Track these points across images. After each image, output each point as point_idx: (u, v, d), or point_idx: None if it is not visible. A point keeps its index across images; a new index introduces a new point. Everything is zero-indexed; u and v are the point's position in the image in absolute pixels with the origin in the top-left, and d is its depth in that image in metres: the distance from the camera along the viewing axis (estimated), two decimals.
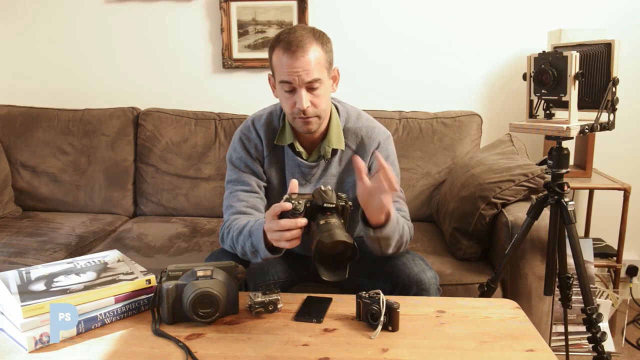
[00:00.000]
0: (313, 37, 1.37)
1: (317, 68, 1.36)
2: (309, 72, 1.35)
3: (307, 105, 1.37)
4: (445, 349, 1.12)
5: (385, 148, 1.54)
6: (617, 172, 2.43)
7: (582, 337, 2.06)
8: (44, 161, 2.49)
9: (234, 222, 1.43)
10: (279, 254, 1.31)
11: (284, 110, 1.45)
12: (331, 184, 1.53)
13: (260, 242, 1.29)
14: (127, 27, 2.67)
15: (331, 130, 1.49)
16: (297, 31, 1.37)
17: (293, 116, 1.41)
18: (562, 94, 1.52)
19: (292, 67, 1.34)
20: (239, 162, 1.53)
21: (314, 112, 1.39)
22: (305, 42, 1.35)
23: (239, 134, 1.56)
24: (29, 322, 1.11)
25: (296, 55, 1.34)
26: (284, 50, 1.35)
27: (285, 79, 1.36)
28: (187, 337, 1.16)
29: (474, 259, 1.91)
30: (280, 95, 1.42)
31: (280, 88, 1.40)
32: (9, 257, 1.93)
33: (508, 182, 1.85)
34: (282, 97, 1.42)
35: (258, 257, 1.34)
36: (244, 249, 1.37)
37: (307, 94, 1.37)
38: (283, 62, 1.35)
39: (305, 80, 1.35)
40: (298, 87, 1.36)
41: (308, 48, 1.35)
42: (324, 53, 1.39)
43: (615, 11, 2.46)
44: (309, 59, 1.35)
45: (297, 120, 1.41)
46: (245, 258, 1.41)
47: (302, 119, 1.40)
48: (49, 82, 2.75)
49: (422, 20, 2.56)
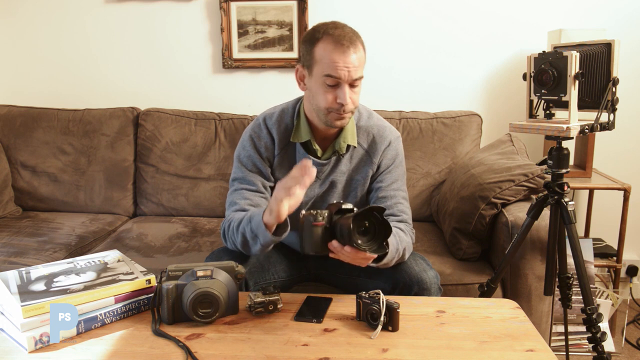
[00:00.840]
0: (357, 35, 1.40)
1: (362, 66, 1.40)
2: (357, 69, 1.37)
3: (349, 101, 1.39)
4: (445, 349, 1.12)
5: (395, 147, 1.55)
6: (617, 172, 2.43)
7: (582, 337, 2.06)
8: (44, 161, 2.49)
9: (235, 215, 1.43)
10: (278, 238, 1.31)
11: (317, 104, 1.42)
12: (340, 181, 1.54)
13: (260, 223, 1.28)
14: (127, 27, 2.67)
15: (347, 127, 1.50)
16: (344, 27, 1.39)
17: (328, 110, 1.41)
18: (562, 94, 1.52)
19: (344, 62, 1.35)
20: (247, 161, 1.53)
21: (350, 108, 1.41)
22: (355, 39, 1.38)
23: (249, 132, 1.55)
24: (29, 322, 1.11)
25: (349, 51, 1.35)
26: (336, 43, 1.35)
27: (333, 74, 1.36)
28: (187, 337, 1.16)
29: (474, 259, 1.91)
30: (319, 88, 1.40)
31: (322, 82, 1.39)
32: (9, 257, 1.93)
33: (508, 182, 1.85)
34: (321, 91, 1.40)
35: (257, 244, 1.33)
36: (244, 236, 1.36)
37: (349, 90, 1.39)
38: (334, 56, 1.35)
39: (353, 77, 1.37)
40: (343, 83, 1.37)
41: (358, 45, 1.38)
42: (364, 53, 1.42)
43: (615, 11, 2.46)
44: (358, 56, 1.37)
45: (331, 114, 1.41)
46: (246, 250, 1.40)
47: (338, 114, 1.41)
48: (49, 82, 2.75)
49: (422, 20, 2.56)
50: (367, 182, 1.55)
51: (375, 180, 1.54)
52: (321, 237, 1.23)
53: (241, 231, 1.36)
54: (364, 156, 1.54)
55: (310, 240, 1.24)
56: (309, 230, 1.23)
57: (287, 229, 1.32)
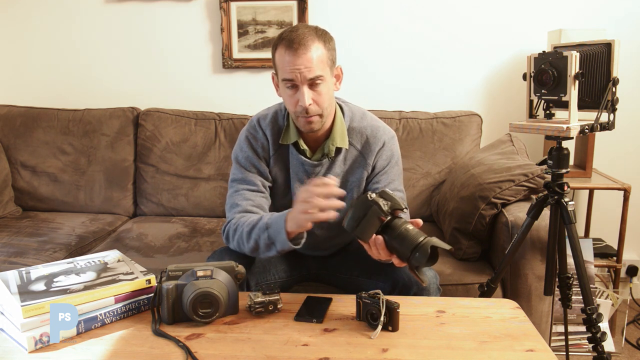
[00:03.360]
0: (315, 35, 1.38)
1: (319, 65, 1.37)
2: (310, 69, 1.35)
3: (309, 102, 1.37)
4: (445, 349, 1.12)
5: (389, 148, 1.54)
6: (617, 172, 2.43)
7: (582, 337, 2.06)
8: (44, 161, 2.49)
9: (242, 219, 1.42)
10: (298, 245, 1.31)
11: (288, 108, 1.45)
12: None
13: (281, 232, 1.28)
14: (127, 27, 2.67)
15: (335, 129, 1.49)
16: (299, 29, 1.38)
17: (296, 115, 1.41)
18: (562, 94, 1.51)
19: (294, 64, 1.35)
20: (245, 161, 1.53)
21: (316, 110, 1.39)
22: (307, 40, 1.35)
23: (245, 132, 1.56)
24: (29, 322, 1.11)
25: (298, 53, 1.34)
26: (286, 47, 1.36)
27: (287, 77, 1.37)
28: (187, 337, 1.16)
29: (474, 259, 1.91)
30: (283, 93, 1.43)
31: (283, 86, 1.40)
32: (9, 257, 1.93)
33: (508, 182, 1.85)
34: (285, 96, 1.42)
35: (272, 250, 1.34)
36: (257, 243, 1.36)
37: (309, 92, 1.37)
38: (285, 60, 1.36)
39: (307, 77, 1.36)
40: (300, 85, 1.37)
41: (310, 45, 1.35)
42: (326, 51, 1.39)
43: (615, 11, 2.46)
44: (310, 56, 1.35)
45: (300, 119, 1.42)
46: (255, 254, 1.41)
47: (305, 118, 1.40)
48: (49, 82, 2.75)
49: (422, 20, 2.55)
50: (362, 184, 1.53)
51: (371, 181, 1.53)
52: (375, 230, 1.17)
53: (254, 237, 1.36)
54: (358, 157, 1.52)
55: (365, 227, 1.17)
56: (371, 219, 1.16)
57: (304, 235, 1.32)
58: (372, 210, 1.16)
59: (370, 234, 1.17)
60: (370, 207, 1.16)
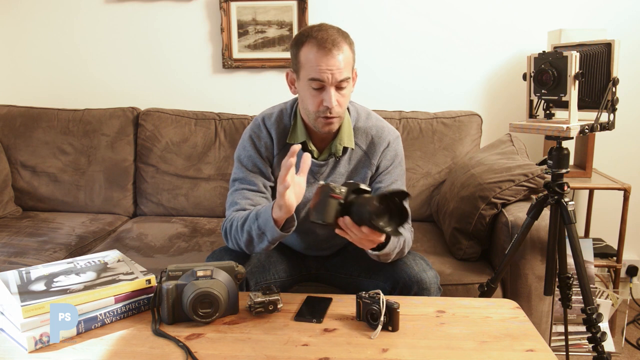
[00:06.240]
0: (343, 36, 1.38)
1: (347, 67, 1.37)
2: (341, 70, 1.35)
3: (335, 104, 1.37)
4: (445, 349, 1.12)
5: (394, 148, 1.54)
6: (617, 172, 2.43)
7: (582, 337, 2.06)
8: (44, 161, 2.49)
9: (237, 214, 1.43)
10: (287, 233, 1.30)
11: (306, 108, 1.42)
12: (339, 182, 1.53)
13: (269, 219, 1.28)
14: (127, 27, 2.67)
15: (343, 129, 1.49)
16: (328, 29, 1.37)
17: (317, 115, 1.40)
18: (562, 94, 1.52)
19: (327, 65, 1.34)
20: (247, 161, 1.52)
21: (339, 111, 1.39)
22: (339, 41, 1.35)
23: (249, 132, 1.55)
24: (29, 322, 1.11)
25: (332, 53, 1.34)
26: (318, 47, 1.34)
27: (317, 77, 1.35)
28: (187, 337, 1.16)
29: (474, 259, 1.91)
30: (306, 92, 1.40)
31: (307, 85, 1.38)
32: (9, 257, 1.93)
33: (508, 182, 1.85)
34: (307, 95, 1.40)
35: (264, 241, 1.33)
36: (250, 235, 1.36)
37: (335, 93, 1.37)
38: (316, 60, 1.34)
39: (337, 79, 1.35)
40: (328, 85, 1.36)
41: (342, 46, 1.35)
42: (352, 53, 1.40)
43: (616, 11, 2.46)
44: (342, 58, 1.35)
45: (319, 119, 1.40)
46: (249, 249, 1.40)
47: (325, 119, 1.39)
48: (49, 82, 2.75)
49: (423, 19, 2.56)
50: (366, 183, 1.54)
51: (375, 180, 1.54)
52: (335, 210, 1.21)
53: (247, 229, 1.36)
54: (363, 157, 1.53)
55: (323, 209, 1.20)
56: (325, 200, 1.20)
57: (294, 223, 1.31)
58: (323, 192, 1.21)
59: (330, 213, 1.20)
60: (322, 189, 1.22)
